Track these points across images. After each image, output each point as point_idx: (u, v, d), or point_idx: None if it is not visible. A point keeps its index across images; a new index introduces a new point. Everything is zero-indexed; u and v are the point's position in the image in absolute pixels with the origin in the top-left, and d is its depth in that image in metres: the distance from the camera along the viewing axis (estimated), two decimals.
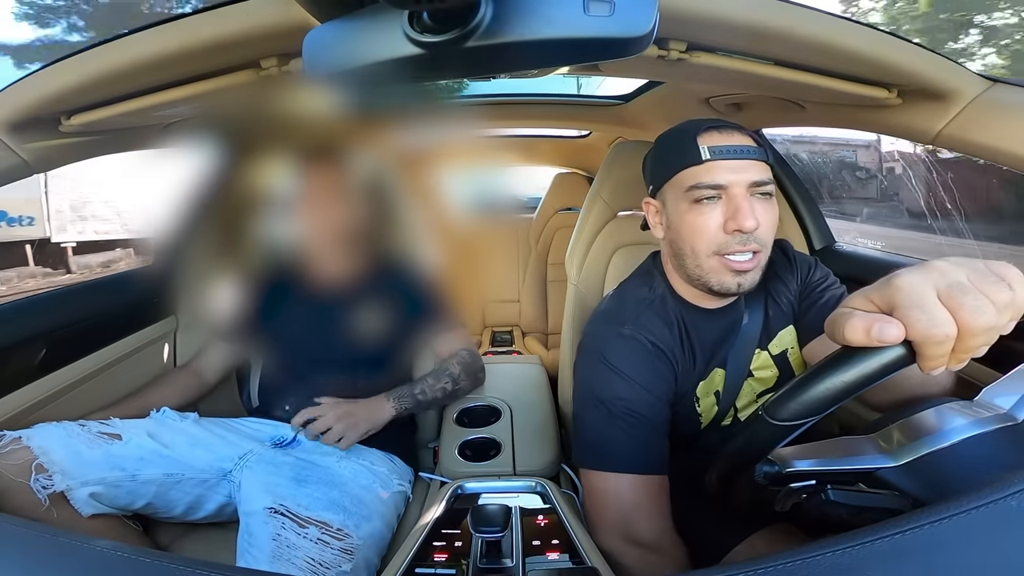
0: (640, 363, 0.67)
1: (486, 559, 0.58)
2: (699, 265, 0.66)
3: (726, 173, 0.63)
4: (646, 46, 0.33)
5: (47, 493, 0.71)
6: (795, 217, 1.25)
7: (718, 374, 0.72)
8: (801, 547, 0.28)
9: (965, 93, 0.67)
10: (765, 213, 0.63)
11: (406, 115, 0.71)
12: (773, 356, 0.74)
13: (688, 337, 0.71)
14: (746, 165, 0.63)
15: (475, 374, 1.02)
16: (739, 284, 0.65)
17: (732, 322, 0.72)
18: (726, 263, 0.64)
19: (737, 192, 0.62)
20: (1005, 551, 0.27)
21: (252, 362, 1.14)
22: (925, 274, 0.34)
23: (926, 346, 0.33)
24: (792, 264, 0.75)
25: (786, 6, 0.57)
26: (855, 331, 0.34)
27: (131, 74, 0.63)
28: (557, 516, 0.68)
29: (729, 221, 0.62)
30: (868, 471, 0.43)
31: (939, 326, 0.32)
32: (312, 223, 0.88)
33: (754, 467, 0.45)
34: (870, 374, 0.35)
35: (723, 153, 0.63)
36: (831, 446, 0.46)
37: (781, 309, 0.74)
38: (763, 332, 0.73)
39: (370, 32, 0.35)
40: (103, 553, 0.29)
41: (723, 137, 0.64)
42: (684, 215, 0.65)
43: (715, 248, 0.64)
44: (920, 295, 0.33)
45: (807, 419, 0.37)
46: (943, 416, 0.44)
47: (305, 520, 0.72)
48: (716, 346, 0.72)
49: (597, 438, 0.66)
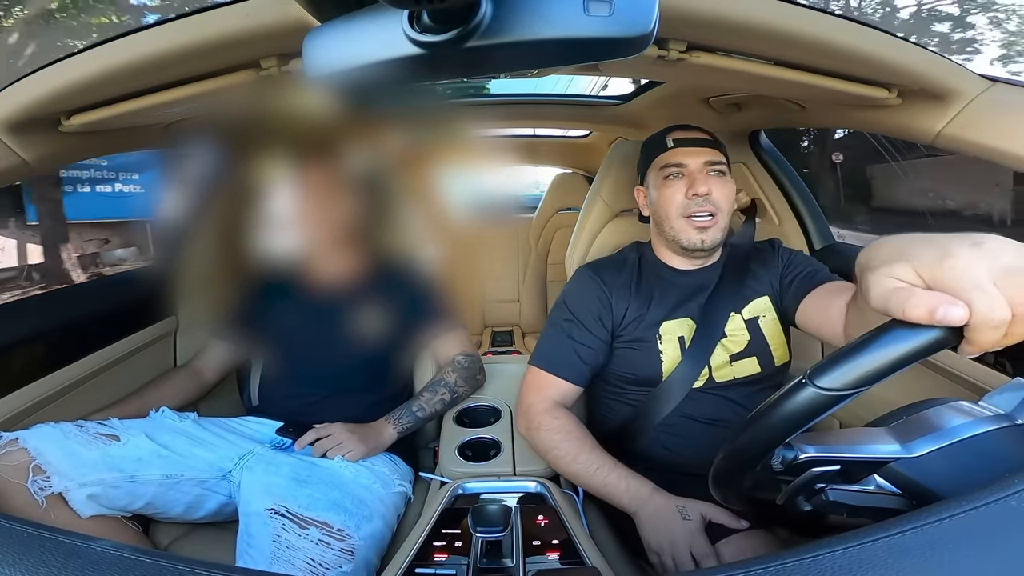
0: (581, 290, 0.88)
1: (486, 559, 0.58)
2: (672, 227, 0.85)
3: (686, 156, 0.84)
4: (646, 46, 0.33)
5: (45, 494, 0.71)
6: (795, 217, 1.25)
7: (687, 323, 0.84)
8: (801, 547, 0.28)
9: (965, 93, 0.67)
10: (718, 185, 0.82)
11: (406, 115, 0.72)
12: (746, 320, 0.84)
13: (642, 280, 0.88)
14: (700, 151, 0.84)
15: (473, 378, 1.02)
16: (702, 240, 0.83)
17: (702, 282, 0.87)
18: (691, 222, 0.82)
19: (694, 168, 0.83)
20: (1005, 551, 0.27)
21: (252, 362, 1.14)
22: (979, 253, 0.32)
23: (980, 331, 0.32)
24: (775, 252, 0.90)
25: (786, 6, 0.57)
26: (918, 309, 0.33)
27: (131, 74, 0.63)
28: (557, 516, 0.68)
29: (689, 189, 0.82)
30: (885, 460, 0.42)
31: (997, 310, 0.31)
32: (312, 223, 0.88)
33: (771, 452, 0.44)
34: (919, 351, 0.34)
35: (683, 143, 0.85)
36: (845, 436, 0.45)
37: (758, 282, 0.86)
38: (737, 297, 0.85)
39: (370, 32, 0.35)
40: (103, 553, 0.29)
41: (684, 132, 0.87)
42: (660, 190, 0.86)
43: (682, 211, 0.83)
44: (977, 277, 0.32)
45: (854, 390, 0.36)
46: (956, 412, 0.44)
47: (305, 521, 0.72)
48: (684, 297, 0.86)
49: (538, 344, 0.88)
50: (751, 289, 0.85)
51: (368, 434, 0.89)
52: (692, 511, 0.68)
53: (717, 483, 0.51)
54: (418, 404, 0.95)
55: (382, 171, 0.86)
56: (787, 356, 0.84)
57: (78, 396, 0.94)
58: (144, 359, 1.09)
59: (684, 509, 0.69)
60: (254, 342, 1.06)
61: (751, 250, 0.90)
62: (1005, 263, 0.32)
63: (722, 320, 0.83)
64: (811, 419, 0.39)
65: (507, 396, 1.04)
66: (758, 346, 0.82)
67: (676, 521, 0.67)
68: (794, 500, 0.47)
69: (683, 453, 0.82)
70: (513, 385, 1.08)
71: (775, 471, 0.45)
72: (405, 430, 0.93)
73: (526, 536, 0.63)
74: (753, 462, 0.45)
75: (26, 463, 0.71)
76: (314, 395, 0.98)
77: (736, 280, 0.86)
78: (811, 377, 0.38)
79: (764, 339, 0.83)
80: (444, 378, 0.99)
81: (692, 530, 0.66)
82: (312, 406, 0.97)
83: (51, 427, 0.77)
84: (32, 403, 0.85)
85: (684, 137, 0.85)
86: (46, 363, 0.89)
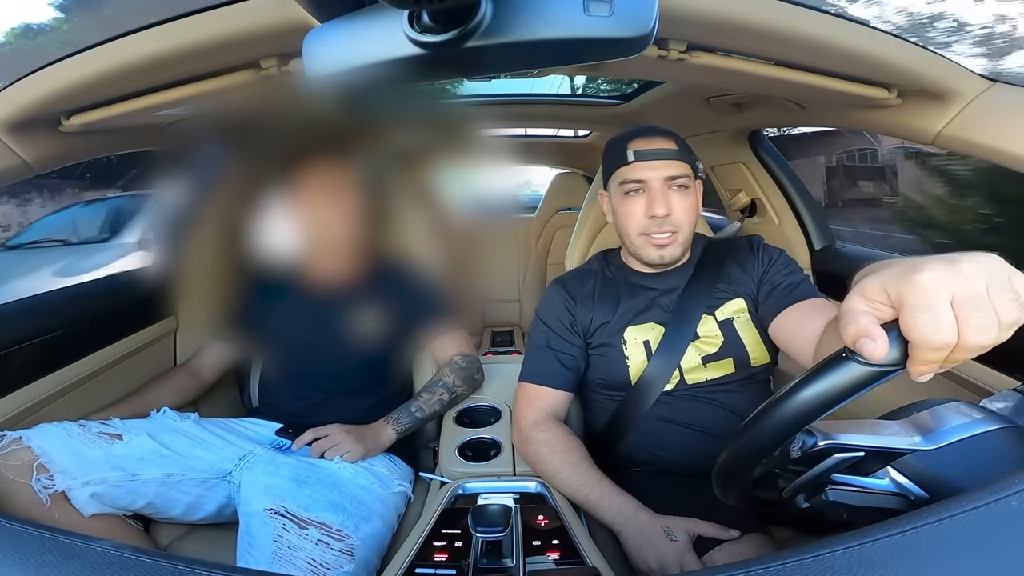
0: (550, 304, 0.89)
1: (486, 559, 0.58)
2: (632, 243, 0.83)
3: (646, 171, 0.80)
4: (646, 46, 0.33)
5: (48, 493, 0.71)
6: (795, 217, 1.25)
7: (653, 328, 0.83)
8: (801, 547, 0.28)
9: (965, 93, 0.67)
10: (679, 202, 0.80)
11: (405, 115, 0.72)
12: (719, 322, 0.82)
13: (607, 287, 0.88)
14: (662, 164, 0.79)
15: (471, 378, 1.02)
16: (661, 256, 0.81)
17: (671, 285, 0.86)
18: (650, 240, 0.81)
19: (655, 186, 0.79)
20: (1005, 551, 0.27)
21: (252, 362, 1.14)
22: (946, 275, 0.32)
23: (921, 350, 0.33)
24: (754, 253, 0.87)
25: (786, 6, 0.57)
26: (846, 330, 0.34)
27: (131, 74, 0.63)
28: (557, 516, 0.68)
29: (647, 209, 0.79)
30: (906, 451, 0.42)
31: (940, 333, 0.32)
32: (312, 223, 0.88)
33: (793, 437, 0.42)
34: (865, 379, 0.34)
35: (644, 156, 0.80)
36: (861, 426, 0.44)
37: (733, 283, 0.84)
38: (711, 298, 0.83)
39: (370, 32, 0.35)
40: (103, 553, 0.29)
41: (646, 142, 0.81)
42: (620, 204, 0.83)
43: (640, 229, 0.81)
44: (933, 299, 0.32)
45: (898, 367, 0.34)
46: (966, 409, 0.44)
47: (305, 521, 0.72)
48: (651, 302, 0.85)
49: (524, 363, 0.89)
50: (725, 290, 0.83)
51: (366, 435, 0.89)
52: (678, 530, 0.66)
53: (727, 470, 0.48)
54: (417, 405, 0.95)
55: (381, 171, 0.86)
56: (766, 356, 0.81)
57: (78, 396, 0.94)
58: (144, 359, 1.09)
59: (670, 529, 0.67)
60: (253, 343, 1.06)
61: (729, 249, 0.88)
62: (970, 289, 0.32)
63: (693, 322, 0.81)
64: (851, 396, 0.37)
65: (507, 396, 1.04)
66: (733, 347, 0.81)
67: (663, 543, 0.65)
68: (807, 490, 0.46)
69: (666, 456, 0.82)
70: (513, 385, 1.08)
71: (792, 458, 0.44)
72: (404, 431, 0.93)
73: (526, 536, 0.63)
74: (779, 442, 0.42)
75: (30, 462, 0.72)
76: (313, 396, 0.98)
77: (710, 281, 0.84)
78: (852, 351, 0.36)
79: (740, 340, 0.81)
80: (443, 379, 0.99)
81: (680, 551, 0.64)
82: (312, 407, 0.97)
83: (54, 426, 0.77)
84: (32, 403, 0.85)
85: (645, 149, 0.80)
86: (46, 363, 0.89)
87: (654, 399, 0.81)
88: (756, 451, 0.44)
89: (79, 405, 0.92)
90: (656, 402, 0.81)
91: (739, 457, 0.45)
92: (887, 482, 0.43)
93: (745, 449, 0.44)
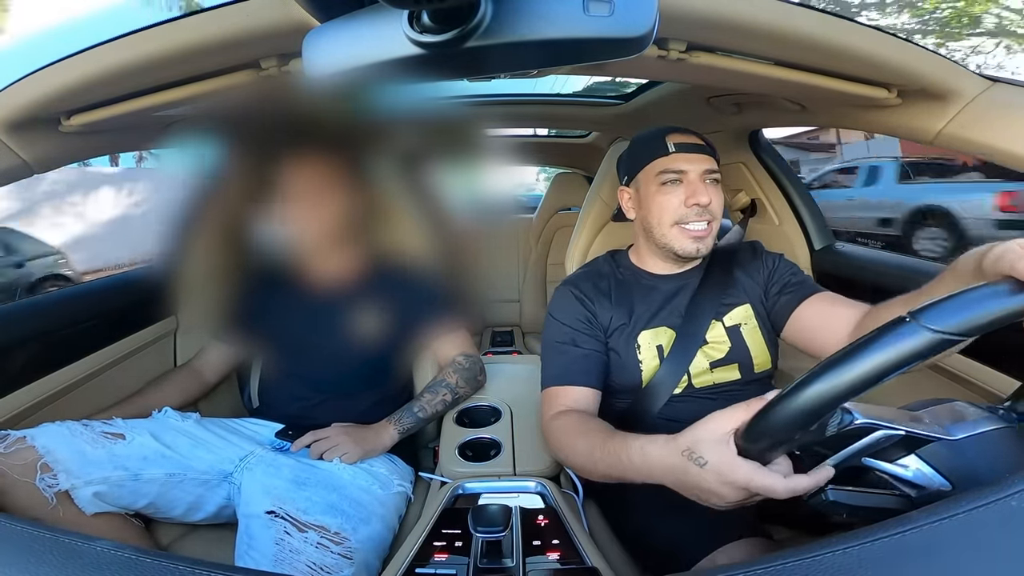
0: (568, 304, 0.86)
1: (486, 559, 0.58)
2: (664, 234, 0.83)
3: (687, 163, 0.81)
4: (646, 46, 0.33)
5: (52, 492, 0.71)
6: (795, 217, 1.25)
7: (666, 332, 0.83)
8: (801, 547, 0.28)
9: (965, 93, 0.67)
10: (715, 194, 0.82)
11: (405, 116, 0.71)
12: (727, 328, 0.83)
13: (620, 290, 0.87)
14: (700, 158, 0.82)
15: (474, 378, 1.02)
16: (697, 249, 0.81)
17: (682, 285, 0.86)
18: (686, 231, 0.81)
19: (693, 177, 0.81)
20: (1005, 551, 0.27)
21: (252, 362, 1.14)
22: None
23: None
24: (759, 258, 0.88)
25: (786, 6, 0.57)
26: (1008, 263, 0.40)
27: (131, 74, 0.63)
28: (557, 516, 0.68)
29: (689, 198, 0.80)
30: (935, 437, 0.42)
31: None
32: (313, 223, 0.88)
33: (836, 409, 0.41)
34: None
35: (684, 148, 0.82)
36: (888, 412, 0.43)
37: (739, 291, 0.86)
38: (720, 304, 0.84)
39: (370, 32, 0.35)
40: (103, 553, 0.29)
41: (684, 137, 0.84)
42: (654, 195, 0.83)
43: (677, 218, 0.81)
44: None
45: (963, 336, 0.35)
46: (979, 408, 0.44)
47: (304, 524, 0.72)
48: (664, 303, 0.85)
49: (544, 368, 0.85)
50: (733, 296, 0.85)
51: (366, 435, 0.89)
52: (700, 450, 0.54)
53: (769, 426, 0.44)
54: (419, 405, 0.95)
55: (382, 171, 0.86)
56: (768, 362, 0.82)
57: (79, 396, 0.94)
58: (144, 359, 1.09)
59: (691, 452, 0.54)
60: (253, 343, 1.06)
61: (734, 255, 0.89)
62: None
63: (703, 328, 0.82)
64: (909, 364, 0.36)
65: (507, 396, 1.04)
66: (739, 354, 0.82)
67: (692, 472, 0.53)
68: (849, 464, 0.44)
69: None
70: (513, 385, 1.08)
71: (826, 435, 0.42)
72: (406, 431, 0.93)
73: (526, 536, 0.63)
74: (831, 405, 0.39)
75: (34, 461, 0.72)
76: (314, 397, 0.98)
77: (719, 286, 0.85)
78: (916, 316, 0.36)
79: (745, 347, 0.82)
80: (445, 379, 0.98)
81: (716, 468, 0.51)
82: (312, 408, 0.97)
83: (58, 426, 0.77)
84: (33, 403, 0.85)
85: (685, 142, 0.83)
86: (47, 363, 0.89)
87: (663, 402, 0.81)
88: (804, 414, 0.40)
89: (79, 405, 0.92)
90: (664, 404, 0.81)
91: (794, 412, 0.41)
92: (911, 472, 0.42)
93: (802, 403, 0.40)
